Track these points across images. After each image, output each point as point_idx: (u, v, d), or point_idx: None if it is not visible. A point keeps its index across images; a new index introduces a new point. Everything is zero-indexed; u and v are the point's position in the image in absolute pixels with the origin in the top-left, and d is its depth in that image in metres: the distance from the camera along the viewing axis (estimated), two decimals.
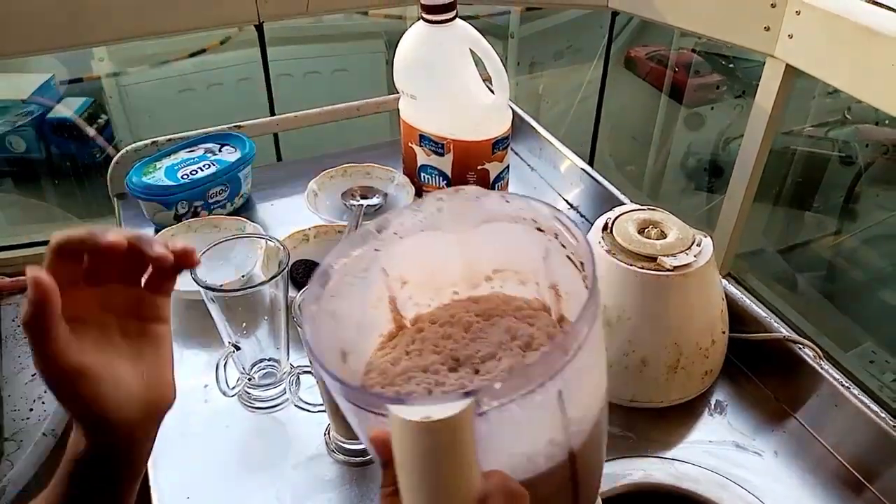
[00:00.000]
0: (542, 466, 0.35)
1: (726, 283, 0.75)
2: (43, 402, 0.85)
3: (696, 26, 1.17)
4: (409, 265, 0.44)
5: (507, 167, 0.95)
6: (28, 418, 0.83)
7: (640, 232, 0.69)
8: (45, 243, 1.27)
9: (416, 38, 0.88)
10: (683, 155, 1.82)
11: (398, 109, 0.96)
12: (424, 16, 0.86)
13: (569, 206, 1.01)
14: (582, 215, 0.99)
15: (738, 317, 0.74)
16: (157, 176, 0.93)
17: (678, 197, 1.79)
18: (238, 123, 1.06)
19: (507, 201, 0.42)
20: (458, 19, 0.87)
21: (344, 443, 0.67)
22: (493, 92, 0.90)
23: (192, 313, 0.82)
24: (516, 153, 1.11)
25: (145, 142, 1.02)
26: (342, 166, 1.01)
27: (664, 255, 0.65)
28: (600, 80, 1.51)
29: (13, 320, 0.97)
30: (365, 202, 0.96)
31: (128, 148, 1.01)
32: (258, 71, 1.48)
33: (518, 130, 1.10)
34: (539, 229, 0.42)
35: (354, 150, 1.15)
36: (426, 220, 0.43)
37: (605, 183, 0.95)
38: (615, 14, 1.32)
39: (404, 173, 1.00)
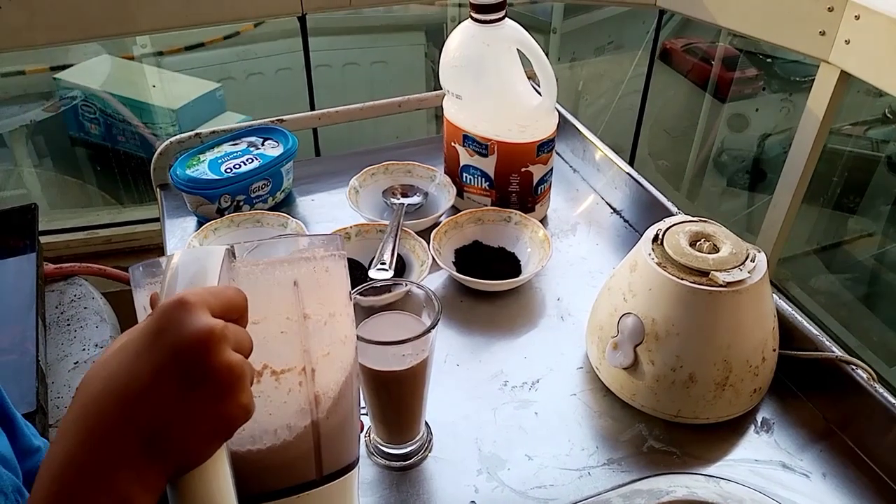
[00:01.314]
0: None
1: (777, 297, 0.74)
2: None
3: (748, 29, 1.14)
4: None
5: (551, 170, 0.94)
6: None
7: (692, 245, 0.68)
8: (87, 228, 1.28)
9: (464, 38, 0.87)
10: (721, 152, 1.78)
11: (440, 107, 0.95)
12: (473, 15, 0.85)
13: (612, 211, 0.99)
14: (625, 220, 0.98)
15: (788, 333, 0.73)
16: (201, 169, 0.93)
17: (717, 198, 1.76)
18: (280, 117, 1.05)
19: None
20: (507, 19, 0.86)
21: (384, 446, 0.67)
22: (539, 93, 0.89)
23: None
24: (559, 154, 1.10)
25: (189, 133, 1.02)
26: (384, 163, 1.00)
27: (717, 271, 0.64)
28: (645, 74, 1.48)
29: (56, 307, 0.98)
30: (406, 201, 0.96)
31: (171, 139, 1.02)
32: (298, 61, 1.49)
33: (561, 130, 1.08)
34: None
35: (395, 146, 1.14)
36: None
37: (651, 189, 0.94)
38: (662, 12, 1.29)
39: (446, 172, 0.99)
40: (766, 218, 1.26)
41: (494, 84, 0.87)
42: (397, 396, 0.62)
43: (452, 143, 0.94)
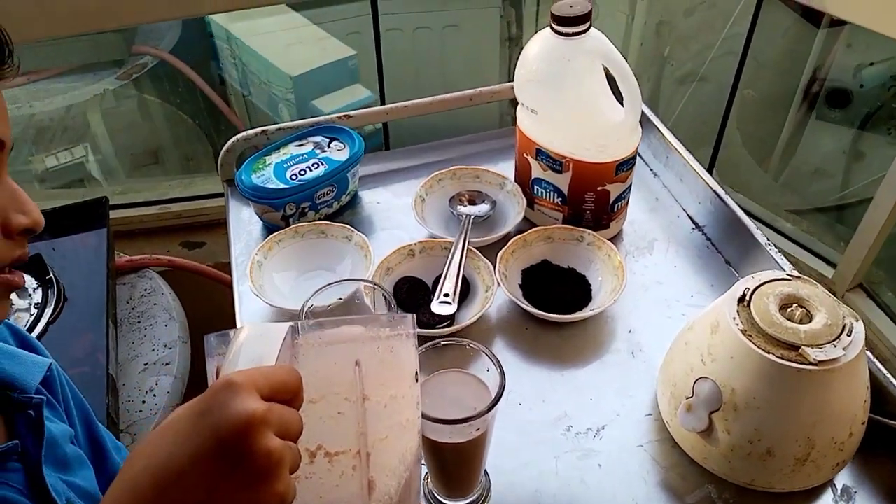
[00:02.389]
0: None
1: (871, 356, 0.68)
2: (154, 395, 0.89)
3: (858, 17, 1.02)
4: None
5: (630, 186, 0.88)
6: (140, 411, 0.87)
7: (783, 309, 0.62)
8: (158, 202, 1.29)
9: (543, 50, 0.80)
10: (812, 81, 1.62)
11: (514, 105, 0.89)
12: (554, 26, 0.78)
13: (693, 227, 0.93)
14: (708, 238, 0.91)
15: (880, 395, 0.67)
16: (267, 174, 0.91)
17: (808, 180, 1.64)
18: (347, 113, 1.02)
19: None
20: (592, 30, 0.79)
21: (442, 498, 0.66)
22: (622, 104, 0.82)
23: None
24: (640, 155, 1.03)
25: (255, 130, 1.00)
26: (451, 168, 0.96)
27: (809, 346, 0.59)
28: (746, 34, 1.34)
29: (127, 302, 1.00)
30: (473, 210, 0.92)
31: (238, 136, 1.00)
32: (367, 24, 1.43)
33: (644, 130, 1.01)
34: None
35: (465, 140, 1.10)
36: None
37: (738, 211, 0.87)
38: None
39: (516, 181, 0.94)
40: (863, 219, 1.16)
41: (574, 101, 0.81)
42: (455, 462, 0.61)
43: (525, 155, 0.89)
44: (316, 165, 0.92)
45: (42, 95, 1.41)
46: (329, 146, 0.96)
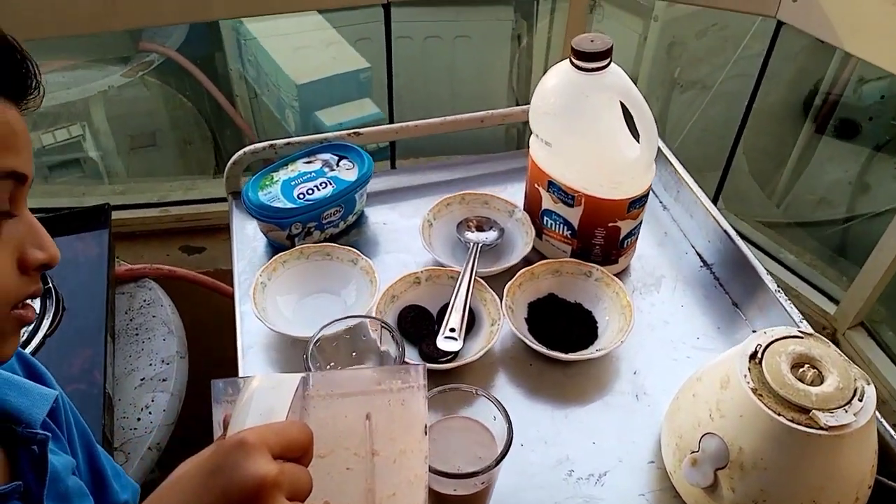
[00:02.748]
0: None
1: (879, 417, 0.67)
2: (150, 413, 0.88)
3: (879, 59, 1.01)
4: None
5: (640, 223, 0.87)
6: (135, 428, 0.86)
7: (794, 368, 0.62)
8: (159, 205, 1.27)
9: (561, 83, 0.79)
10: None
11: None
12: (574, 60, 0.77)
13: (702, 265, 0.92)
14: (716, 277, 0.90)
15: (886, 456, 0.66)
16: (274, 192, 0.90)
17: (811, 209, 1.64)
18: (357, 130, 1.01)
19: None
20: (612, 65, 0.77)
21: None
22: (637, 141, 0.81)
23: (301, 353, 0.80)
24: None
25: (263, 144, 0.99)
26: (460, 193, 0.95)
27: (820, 410, 0.58)
28: (758, 71, 1.33)
29: (126, 313, 0.99)
30: (481, 237, 0.91)
31: (246, 150, 0.98)
32: (377, 31, 1.42)
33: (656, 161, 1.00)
34: None
35: (473, 161, 1.09)
36: None
37: (748, 253, 0.86)
38: (780, 25, 1.16)
39: (525, 209, 0.93)
40: (868, 259, 1.16)
41: (590, 136, 0.80)
42: None
43: (536, 185, 0.88)
44: (324, 185, 0.91)
45: (46, 89, 1.39)
46: (338, 165, 0.95)
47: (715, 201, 1.51)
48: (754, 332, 0.83)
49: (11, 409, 0.53)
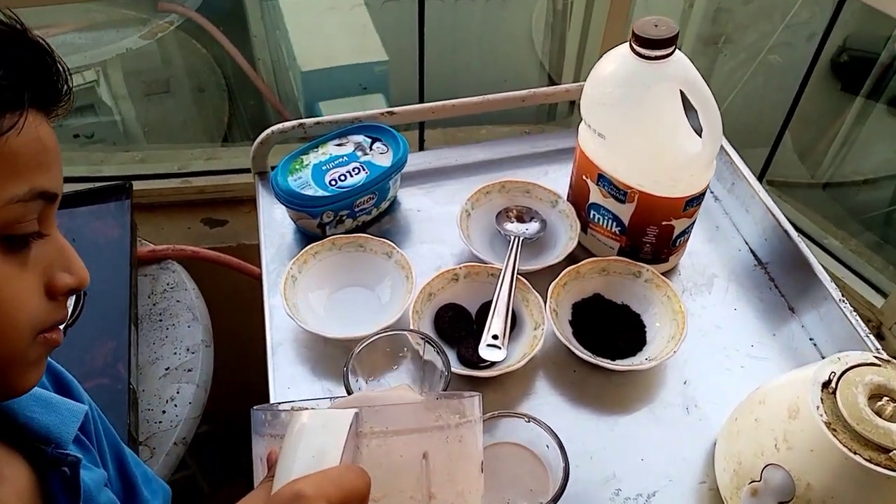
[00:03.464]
0: None
1: None
2: (175, 405, 0.85)
3: None
4: None
5: (695, 221, 0.82)
6: (160, 422, 0.83)
7: (871, 400, 0.57)
8: (180, 175, 1.22)
9: (619, 71, 0.73)
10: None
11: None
12: (635, 47, 0.70)
13: (756, 264, 0.87)
14: (771, 279, 0.85)
15: None
16: (304, 177, 0.85)
17: (857, 191, 1.56)
18: (390, 109, 0.95)
19: None
20: (676, 52, 0.71)
21: None
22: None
23: (333, 351, 0.77)
24: None
25: (292, 123, 0.93)
26: (500, 181, 0.90)
27: None
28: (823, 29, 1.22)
29: (149, 297, 0.95)
30: (522, 229, 0.86)
31: (273, 129, 0.93)
32: None
33: None
34: None
35: (512, 141, 1.03)
36: None
37: (810, 256, 0.80)
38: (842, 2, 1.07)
39: (570, 200, 0.88)
40: None
41: (648, 130, 0.74)
42: None
43: (584, 177, 0.82)
44: (357, 171, 0.86)
45: (62, 50, 1.33)
46: (371, 148, 0.89)
47: (760, 180, 1.44)
48: (811, 340, 0.79)
49: (39, 428, 0.49)
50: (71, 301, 0.87)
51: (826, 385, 0.58)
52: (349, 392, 0.57)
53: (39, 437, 0.49)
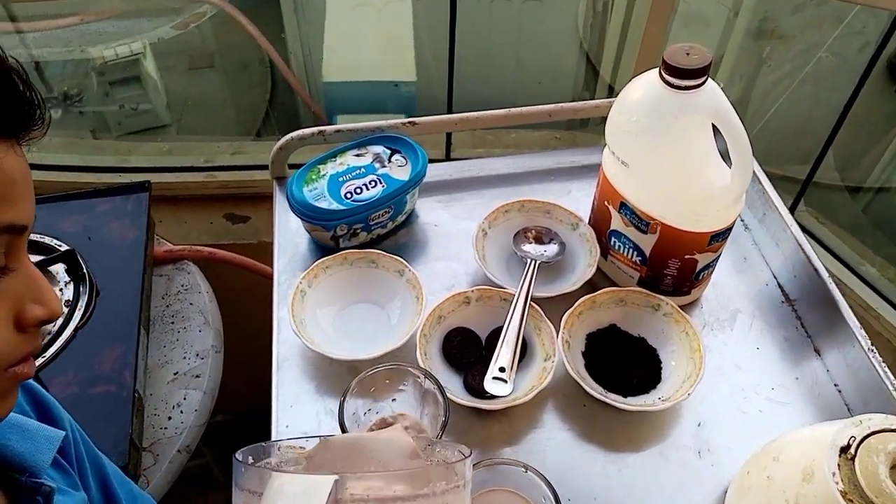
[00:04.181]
0: None
1: None
2: (181, 411, 0.84)
3: None
4: None
5: (720, 255, 0.78)
6: (166, 428, 0.83)
7: (893, 470, 0.53)
8: (205, 169, 1.22)
9: (647, 99, 0.69)
10: None
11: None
12: (665, 76, 0.67)
13: (784, 300, 0.83)
14: (798, 317, 0.81)
15: None
16: (320, 189, 0.83)
17: None
18: (412, 119, 0.93)
19: None
20: (709, 81, 0.67)
21: None
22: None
23: (339, 369, 0.76)
24: None
25: (311, 130, 0.92)
26: (519, 200, 0.87)
27: None
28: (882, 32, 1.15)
29: (163, 298, 0.95)
30: (540, 251, 0.83)
31: (292, 135, 0.92)
32: None
33: None
34: None
35: (534, 155, 1.00)
36: None
37: (840, 300, 0.76)
38: None
39: (590, 224, 0.85)
40: None
41: (675, 161, 0.70)
42: None
43: (606, 202, 0.79)
44: (374, 184, 0.84)
45: (94, 39, 1.34)
46: (390, 160, 0.87)
47: (797, 201, 1.39)
48: (836, 386, 0.76)
49: (14, 456, 0.48)
50: (83, 297, 0.87)
51: (845, 450, 0.55)
52: (342, 427, 0.55)
53: (14, 465, 0.48)
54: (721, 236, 0.74)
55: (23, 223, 0.40)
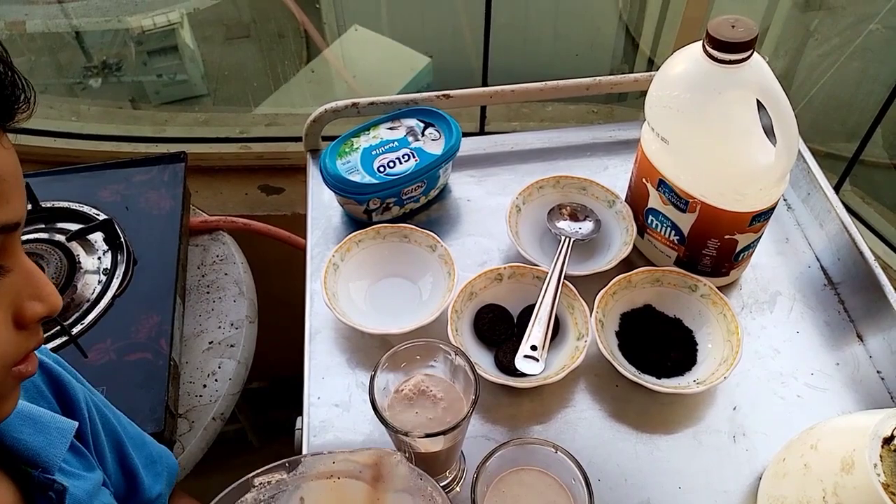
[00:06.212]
0: None
1: None
2: (216, 380, 0.86)
3: None
4: None
5: (761, 236, 0.76)
6: (201, 396, 0.84)
7: None
8: (241, 140, 1.21)
9: (689, 74, 0.67)
10: None
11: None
12: (709, 50, 0.64)
13: (826, 283, 0.81)
14: (841, 301, 0.79)
15: None
16: (353, 161, 0.83)
17: None
18: (447, 92, 0.91)
19: None
20: (754, 56, 0.65)
21: None
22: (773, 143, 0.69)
23: (370, 342, 0.76)
24: None
25: (345, 102, 0.91)
26: (554, 176, 0.85)
27: None
28: None
29: (198, 268, 0.96)
30: (574, 228, 0.82)
31: (326, 107, 0.91)
32: None
33: None
34: None
35: (571, 130, 0.98)
36: None
37: (887, 287, 0.74)
38: None
39: (627, 202, 0.83)
40: None
41: (717, 139, 0.68)
42: None
43: (644, 180, 0.77)
44: (406, 157, 0.83)
45: (132, 9, 1.34)
46: (423, 134, 0.86)
47: (843, 180, 1.34)
48: (879, 373, 0.73)
49: (26, 451, 0.48)
50: (121, 266, 0.88)
51: (888, 441, 0.53)
52: (372, 402, 0.55)
53: (26, 459, 0.48)
54: (763, 216, 0.72)
55: (15, 221, 0.39)
